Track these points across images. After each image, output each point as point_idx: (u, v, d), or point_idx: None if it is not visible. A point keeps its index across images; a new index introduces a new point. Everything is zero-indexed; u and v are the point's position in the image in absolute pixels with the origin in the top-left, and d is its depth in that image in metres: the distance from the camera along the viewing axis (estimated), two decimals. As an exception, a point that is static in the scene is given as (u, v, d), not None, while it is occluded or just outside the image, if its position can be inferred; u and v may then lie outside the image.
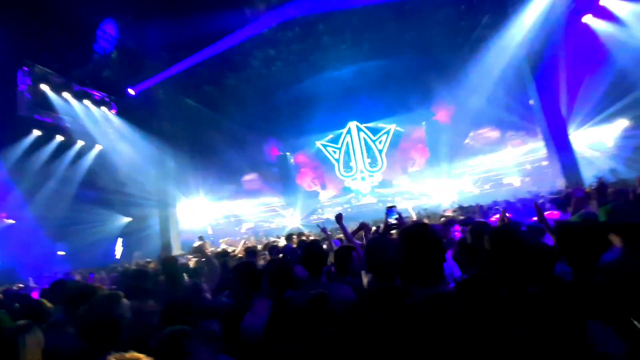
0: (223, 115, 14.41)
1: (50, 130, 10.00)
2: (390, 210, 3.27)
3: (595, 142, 11.38)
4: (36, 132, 9.59)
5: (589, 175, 8.74)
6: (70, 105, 9.97)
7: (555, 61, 10.22)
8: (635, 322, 1.21)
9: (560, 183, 9.08)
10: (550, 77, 10.02)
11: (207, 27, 9.93)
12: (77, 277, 6.64)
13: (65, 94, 9.78)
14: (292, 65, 12.74)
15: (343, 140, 16.77)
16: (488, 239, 1.95)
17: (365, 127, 16.55)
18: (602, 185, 3.89)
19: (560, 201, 4.46)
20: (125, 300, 2.06)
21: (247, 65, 12.22)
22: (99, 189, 11.89)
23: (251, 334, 2.00)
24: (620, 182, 4.25)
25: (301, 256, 2.80)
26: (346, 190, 16.44)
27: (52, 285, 3.05)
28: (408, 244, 1.39)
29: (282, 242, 6.00)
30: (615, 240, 1.79)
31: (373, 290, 1.87)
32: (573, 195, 3.07)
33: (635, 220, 1.76)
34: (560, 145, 9.69)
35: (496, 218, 4.13)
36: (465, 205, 8.39)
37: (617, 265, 1.64)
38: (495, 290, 1.59)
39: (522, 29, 10.00)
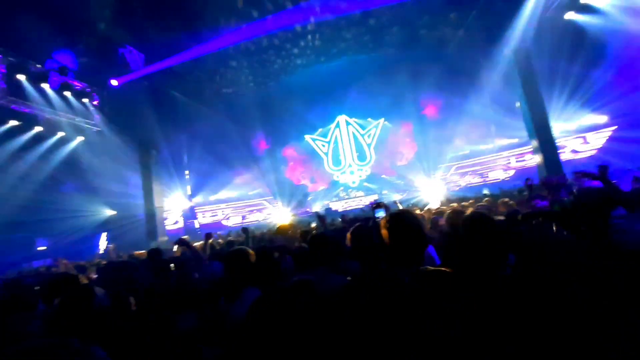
0: (210, 108, 14.21)
1: (28, 121, 9.69)
2: (376, 209, 3.24)
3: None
4: (13, 122, 9.27)
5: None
6: (48, 97, 9.63)
7: (541, 59, 10.41)
8: None
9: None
10: (534, 75, 10.19)
11: (197, 25, 9.83)
12: (62, 268, 6.46)
13: (44, 85, 9.44)
14: (279, 61, 12.70)
15: (332, 134, 16.76)
16: (462, 225, 1.98)
17: (354, 121, 16.57)
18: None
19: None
20: (99, 290, 2.01)
21: (236, 60, 12.07)
22: (81, 181, 11.61)
23: (236, 322, 1.97)
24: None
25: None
26: (335, 184, 16.48)
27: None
28: (393, 229, 1.50)
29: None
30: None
31: (360, 274, 1.88)
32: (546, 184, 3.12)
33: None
34: (544, 145, 9.92)
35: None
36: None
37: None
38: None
39: (508, 27, 10.16)
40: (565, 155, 11.03)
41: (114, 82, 11.15)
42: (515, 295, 1.34)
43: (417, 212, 5.66)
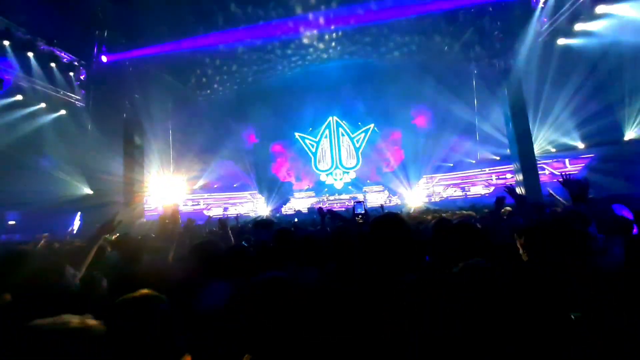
0: (201, 97, 14.02)
1: (10, 89, 9.29)
2: (357, 203, 3.45)
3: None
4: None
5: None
6: (31, 67, 9.26)
7: (530, 82, 10.74)
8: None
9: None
10: (522, 97, 10.50)
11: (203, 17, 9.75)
12: (42, 244, 6.18)
13: (29, 54, 9.08)
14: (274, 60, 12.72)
15: (321, 135, 16.79)
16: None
17: (345, 124, 16.66)
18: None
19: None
20: (70, 269, 1.96)
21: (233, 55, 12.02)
22: (60, 157, 11.21)
23: (204, 313, 1.95)
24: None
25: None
26: (320, 184, 16.51)
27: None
28: (376, 231, 1.46)
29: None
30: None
31: (336, 273, 1.90)
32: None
33: None
34: (526, 167, 10.26)
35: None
36: None
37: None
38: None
39: (503, 48, 10.45)
40: (544, 177, 11.39)
41: (104, 59, 10.87)
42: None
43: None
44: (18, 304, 1.59)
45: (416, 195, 14.48)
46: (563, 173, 2.87)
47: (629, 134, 10.80)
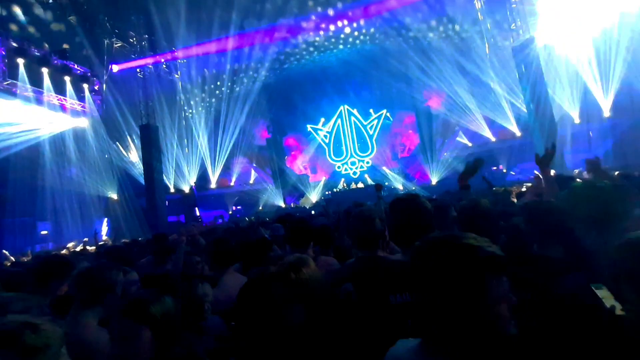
0: (213, 95, 14.18)
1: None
2: (378, 191, 3.56)
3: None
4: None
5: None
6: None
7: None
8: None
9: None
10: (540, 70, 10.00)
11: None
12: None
13: (44, 69, 9.37)
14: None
15: (334, 125, 16.65)
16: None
17: (357, 112, 16.44)
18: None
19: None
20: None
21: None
22: (84, 166, 11.65)
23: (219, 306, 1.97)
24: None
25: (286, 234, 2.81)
26: (336, 174, 16.44)
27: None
28: (397, 211, 1.46)
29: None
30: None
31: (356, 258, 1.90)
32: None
33: None
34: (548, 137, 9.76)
35: None
36: None
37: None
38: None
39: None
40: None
41: (115, 68, 11.12)
42: None
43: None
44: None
45: (434, 177, 14.21)
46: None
47: None
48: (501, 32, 11.22)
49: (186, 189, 14.56)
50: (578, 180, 2.89)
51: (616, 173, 3.62)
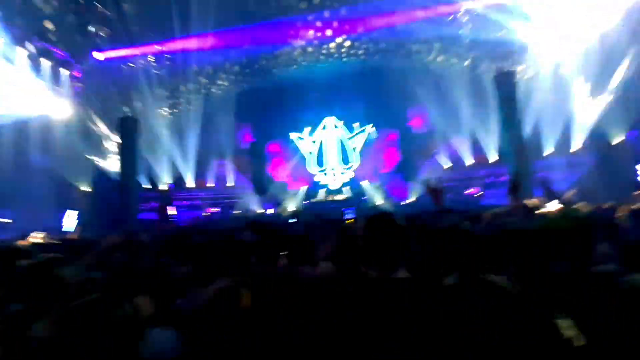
0: (197, 93, 13.94)
1: None
2: (346, 209, 3.51)
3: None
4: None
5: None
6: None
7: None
8: None
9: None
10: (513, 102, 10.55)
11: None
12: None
13: (19, 49, 8.96)
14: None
15: (318, 135, 16.76)
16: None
17: (342, 124, 16.63)
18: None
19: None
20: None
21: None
22: (55, 154, 11.10)
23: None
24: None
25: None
26: (316, 185, 16.46)
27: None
28: (370, 230, 1.50)
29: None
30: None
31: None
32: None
33: None
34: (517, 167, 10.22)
35: None
36: None
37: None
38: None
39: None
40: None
41: (99, 56, 10.79)
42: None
43: None
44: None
45: (412, 195, 14.49)
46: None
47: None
48: (484, 62, 11.83)
49: (163, 187, 14.16)
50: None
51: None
